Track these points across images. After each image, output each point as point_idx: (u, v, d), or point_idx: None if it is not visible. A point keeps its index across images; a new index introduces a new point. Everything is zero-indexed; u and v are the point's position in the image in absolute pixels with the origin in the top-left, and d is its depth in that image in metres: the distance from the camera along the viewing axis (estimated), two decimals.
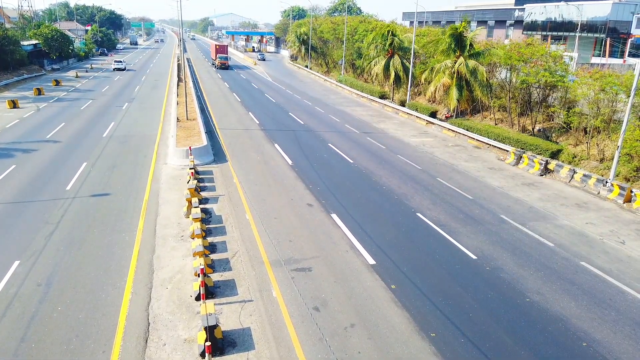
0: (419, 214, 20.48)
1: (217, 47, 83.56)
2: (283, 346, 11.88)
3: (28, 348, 11.46)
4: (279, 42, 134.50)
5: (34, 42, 73.67)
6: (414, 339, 12.35)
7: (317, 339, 12.15)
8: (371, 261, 16.21)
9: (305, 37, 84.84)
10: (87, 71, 71.99)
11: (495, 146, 32.20)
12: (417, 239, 18.19)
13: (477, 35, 39.70)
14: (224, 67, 79.92)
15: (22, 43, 66.93)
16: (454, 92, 37.37)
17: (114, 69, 72.65)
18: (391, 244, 17.61)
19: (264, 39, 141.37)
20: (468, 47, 37.28)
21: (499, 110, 38.00)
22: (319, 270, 15.49)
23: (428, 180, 25.21)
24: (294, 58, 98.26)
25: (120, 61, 75.41)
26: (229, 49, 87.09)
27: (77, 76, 64.75)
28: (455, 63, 37.29)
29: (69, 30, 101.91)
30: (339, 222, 19.33)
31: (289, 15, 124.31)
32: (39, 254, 15.86)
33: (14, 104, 41.34)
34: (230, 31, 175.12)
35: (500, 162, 29.88)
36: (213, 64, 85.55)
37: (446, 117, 40.76)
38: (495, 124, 36.55)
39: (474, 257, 16.83)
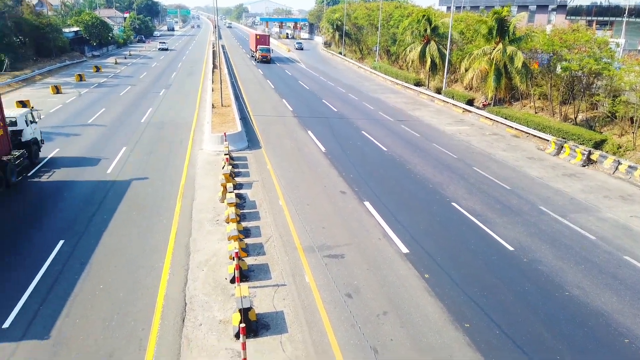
0: (454, 204, 20.15)
1: (258, 37, 74.45)
2: (316, 331, 11.98)
3: (72, 323, 11.96)
4: (312, 28, 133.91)
5: (75, 29, 75.83)
6: (448, 328, 12.23)
7: (350, 325, 12.19)
8: (404, 250, 16.09)
9: (339, 23, 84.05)
10: (125, 58, 73.70)
11: (535, 135, 31.23)
12: (452, 228, 17.92)
13: (520, 21, 38.34)
14: (265, 60, 69.91)
15: (63, 30, 68.99)
16: (492, 80, 36.35)
17: (159, 49, 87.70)
18: (425, 233, 17.42)
19: (298, 26, 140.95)
20: (510, 33, 36.06)
21: (539, 99, 36.77)
22: (351, 258, 15.49)
23: (464, 169, 24.73)
24: (327, 45, 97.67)
25: (164, 42, 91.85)
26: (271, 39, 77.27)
27: (116, 63, 66.38)
28: (494, 49, 36.22)
29: (108, 17, 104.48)
30: (372, 210, 19.24)
31: (323, 1, 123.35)
32: (82, 234, 16.46)
33: (57, 90, 42.82)
34: (264, 18, 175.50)
35: (540, 152, 28.99)
36: (252, 57, 76.75)
37: (484, 105, 39.77)
38: (536, 113, 35.40)
39: (511, 248, 16.46)
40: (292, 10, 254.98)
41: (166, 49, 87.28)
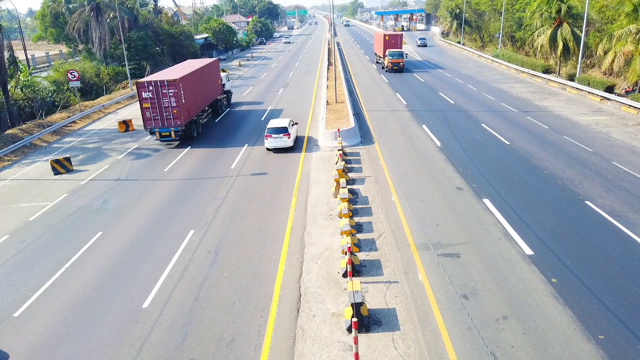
0: (587, 202, 18.17)
1: (387, 38, 56.59)
2: (429, 331, 11.64)
3: (200, 307, 13.09)
4: (429, 18, 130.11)
5: (205, 35, 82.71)
6: (578, 339, 11.08)
7: (466, 328, 11.63)
8: (528, 251, 14.91)
9: (458, 11, 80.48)
10: (248, 60, 78.41)
11: None
12: (585, 229, 16.17)
13: None
14: (397, 68, 53.66)
15: (195, 37, 75.63)
16: (638, 63, 32.03)
17: (284, 43, 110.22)
18: (553, 233, 15.96)
19: (414, 17, 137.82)
20: None
21: None
22: (468, 257, 14.77)
23: (600, 164, 22.18)
24: (445, 34, 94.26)
25: (288, 38, 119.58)
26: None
27: (239, 65, 70.95)
28: None
29: (233, 22, 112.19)
30: (492, 207, 18.12)
31: None
32: (209, 225, 17.91)
33: None
34: (379, 12, 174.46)
35: None
36: (377, 62, 62.26)
37: (626, 92, 35.27)
38: None
39: None
40: (408, 1, 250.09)
41: (289, 42, 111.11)
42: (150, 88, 27.25)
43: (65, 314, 13.14)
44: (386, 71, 54.44)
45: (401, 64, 53.45)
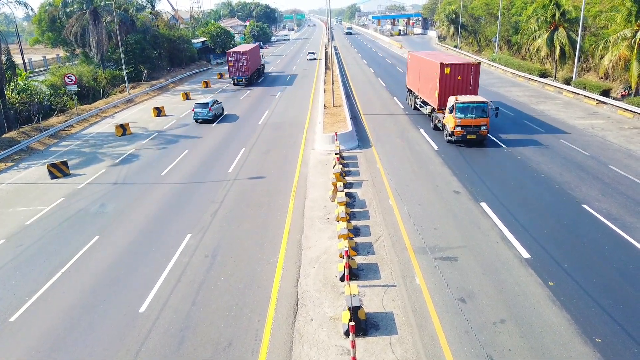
0: (584, 206, 18.23)
1: (447, 71, 28.03)
2: (426, 335, 11.64)
3: (197, 311, 13.05)
4: (426, 23, 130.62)
5: (202, 39, 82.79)
6: (575, 342, 11.10)
7: (463, 331, 11.64)
8: (525, 255, 14.94)
9: (455, 15, 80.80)
10: None
11: None
12: (582, 233, 16.22)
13: None
14: (477, 137, 25.73)
15: (192, 41, 75.68)
16: (635, 67, 32.20)
17: (283, 40, 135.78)
18: (550, 237, 16.00)
19: (411, 21, 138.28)
20: None
21: None
22: (465, 261, 14.79)
23: (597, 168, 22.27)
24: (442, 38, 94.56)
25: (287, 36, 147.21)
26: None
27: None
28: (636, 33, 32.05)
29: (231, 26, 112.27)
30: (489, 211, 18.16)
31: None
32: (207, 229, 17.89)
33: (187, 96, 47.15)
34: (376, 16, 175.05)
35: None
36: (416, 109, 35.23)
37: (622, 96, 35.43)
38: None
39: None
40: (405, 5, 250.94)
41: (288, 40, 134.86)
42: (233, 55, 51.88)
43: (61, 318, 13.09)
44: (448, 141, 27.00)
45: (484, 127, 25.81)
